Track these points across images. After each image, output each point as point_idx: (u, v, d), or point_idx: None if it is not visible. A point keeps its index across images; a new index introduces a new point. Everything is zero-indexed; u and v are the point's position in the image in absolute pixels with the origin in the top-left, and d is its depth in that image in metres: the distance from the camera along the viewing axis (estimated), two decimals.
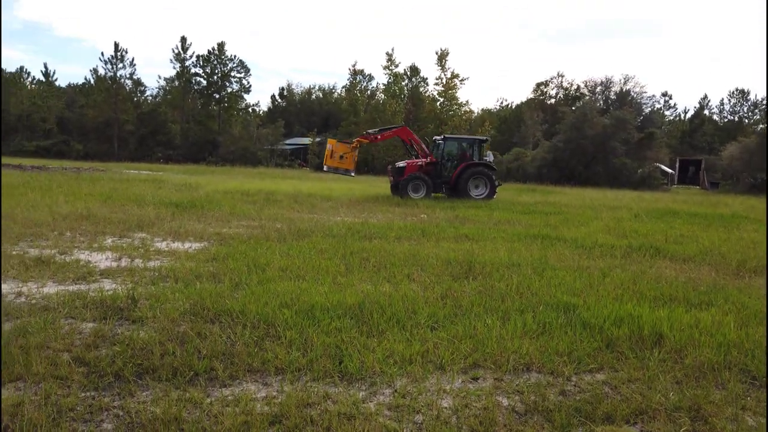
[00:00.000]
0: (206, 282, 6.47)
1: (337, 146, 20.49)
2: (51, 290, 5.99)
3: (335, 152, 20.26)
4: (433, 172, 19.97)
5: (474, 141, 21.01)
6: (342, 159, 20.30)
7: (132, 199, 14.19)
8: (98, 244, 8.56)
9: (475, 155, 20.29)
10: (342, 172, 20.65)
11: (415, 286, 6.60)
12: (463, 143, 20.86)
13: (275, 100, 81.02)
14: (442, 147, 20.36)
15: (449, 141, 20.70)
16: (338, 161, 20.25)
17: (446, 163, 20.18)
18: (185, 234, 9.89)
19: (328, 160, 20.31)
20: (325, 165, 20.53)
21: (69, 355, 4.20)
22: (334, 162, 20.28)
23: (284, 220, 12.24)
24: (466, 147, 20.54)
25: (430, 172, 19.97)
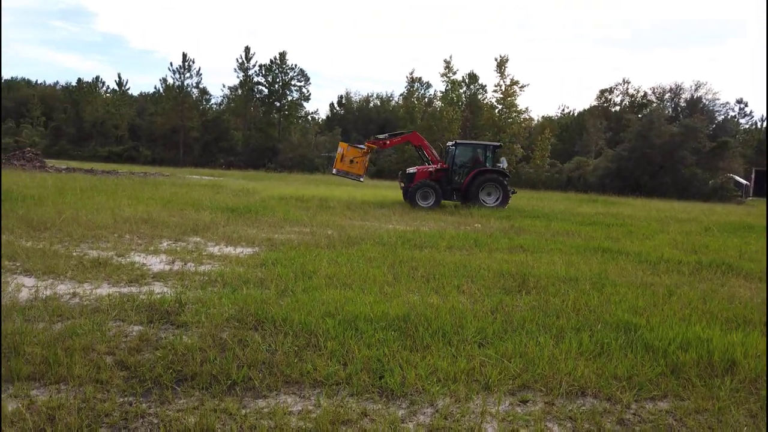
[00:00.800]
0: (253, 288, 6.45)
1: (349, 150, 20.07)
2: (104, 292, 6.12)
3: (346, 156, 19.93)
4: (444, 179, 19.35)
5: (487, 147, 20.18)
6: (352, 163, 19.94)
7: (190, 203, 14.58)
8: (154, 247, 8.76)
9: (488, 162, 19.55)
10: (352, 176, 20.24)
11: (464, 298, 6.35)
12: (476, 149, 20.15)
13: (333, 108, 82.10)
14: (454, 153, 19.62)
15: (461, 147, 19.97)
16: (348, 165, 19.93)
17: (458, 169, 19.48)
18: (238, 239, 10.00)
19: (338, 163, 20.04)
20: (334, 168, 20.26)
21: (112, 358, 4.22)
22: (344, 166, 19.97)
23: (335, 227, 12.21)
24: (478, 153, 19.80)
25: (441, 178, 19.37)
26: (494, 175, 18.96)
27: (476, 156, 19.68)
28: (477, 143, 20.78)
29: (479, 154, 19.68)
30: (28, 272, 6.76)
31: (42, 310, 5.23)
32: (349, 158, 19.82)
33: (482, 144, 20.53)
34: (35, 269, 6.84)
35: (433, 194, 18.74)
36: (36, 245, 8.24)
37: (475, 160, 19.51)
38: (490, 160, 19.58)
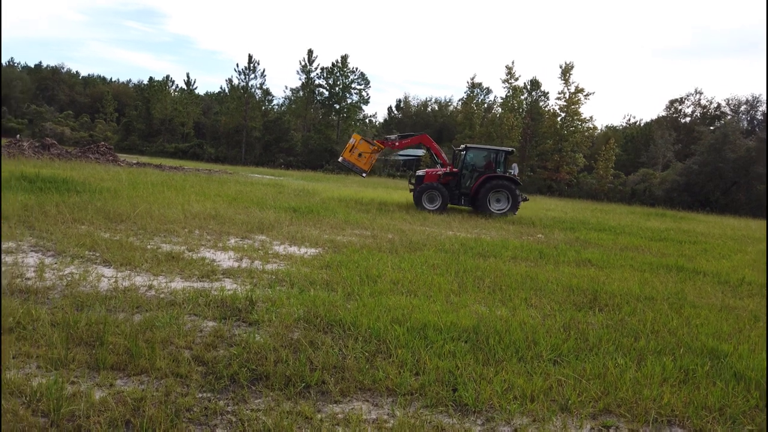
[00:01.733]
0: (320, 289, 6.48)
1: (360, 143, 19.70)
2: (178, 286, 6.29)
3: (356, 148, 19.56)
4: (453, 183, 18.83)
5: (498, 152, 19.35)
6: (360, 157, 19.54)
7: (254, 202, 14.90)
8: (222, 244, 8.97)
9: (500, 167, 18.87)
10: (356, 169, 19.78)
11: (534, 312, 6.15)
12: (487, 154, 19.41)
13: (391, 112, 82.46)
14: (464, 157, 19.11)
15: (471, 151, 19.32)
16: (356, 158, 19.53)
17: (468, 173, 18.91)
18: (301, 239, 10.11)
19: (347, 153, 19.72)
20: (341, 157, 20.01)
21: (189, 353, 4.31)
22: (351, 157, 19.57)
23: (396, 231, 12.17)
24: (489, 158, 19.12)
25: (450, 182, 18.87)
26: (504, 182, 18.28)
27: (487, 161, 19.11)
28: (488, 148, 20.11)
29: (490, 159, 19.09)
30: (107, 263, 7.04)
31: (122, 301, 5.42)
32: (359, 151, 19.53)
33: (494, 149, 19.78)
34: (114, 260, 7.11)
35: (439, 197, 18.33)
36: (113, 237, 8.59)
37: (487, 165, 18.96)
38: (502, 166, 18.95)
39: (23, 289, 5.52)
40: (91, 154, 32.97)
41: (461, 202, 18.85)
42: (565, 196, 45.90)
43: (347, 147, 19.92)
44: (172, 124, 71.48)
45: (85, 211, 10.31)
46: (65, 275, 6.25)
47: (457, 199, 18.80)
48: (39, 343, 4.16)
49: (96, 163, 28.86)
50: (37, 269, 6.34)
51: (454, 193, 18.74)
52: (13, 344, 4.08)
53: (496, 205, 18.24)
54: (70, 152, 32.55)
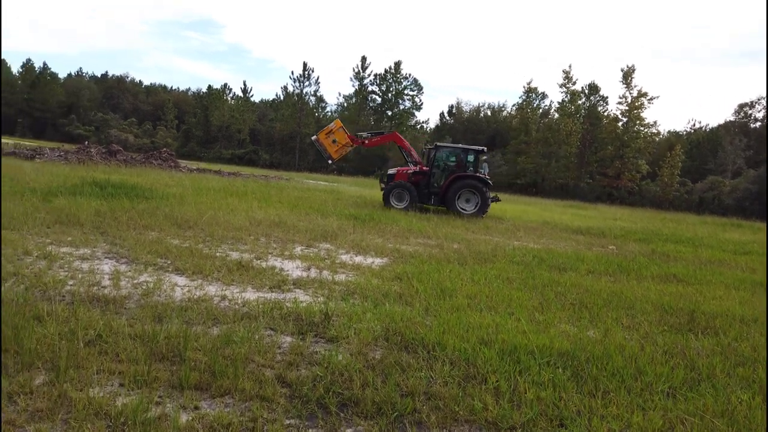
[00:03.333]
0: (395, 303, 6.19)
1: (338, 131, 19.61)
2: (250, 296, 6.13)
3: (332, 134, 19.49)
4: (423, 182, 18.56)
5: (468, 151, 18.85)
6: (334, 143, 19.52)
7: (315, 208, 14.81)
8: (289, 252, 8.83)
9: (471, 167, 18.43)
10: (325, 154, 19.80)
11: (629, 334, 5.65)
12: (456, 153, 18.99)
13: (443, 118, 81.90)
14: (433, 156, 18.84)
15: (441, 149, 19.07)
16: (329, 143, 19.50)
17: (438, 172, 18.61)
18: (366, 248, 9.88)
19: (322, 134, 19.76)
20: (315, 136, 20.03)
21: (272, 372, 4.08)
22: (326, 141, 19.55)
23: (461, 241, 11.77)
24: (459, 157, 18.73)
25: (420, 181, 18.63)
26: (472, 181, 17.90)
27: (457, 160, 18.74)
28: (458, 147, 19.71)
29: (460, 159, 18.70)
30: (179, 271, 6.98)
31: (197, 313, 5.28)
32: (334, 138, 19.44)
33: (463, 148, 19.30)
34: (185, 268, 7.05)
35: (407, 195, 18.22)
36: (182, 244, 8.59)
37: (457, 165, 18.60)
38: (473, 165, 18.48)
39: (100, 298, 5.46)
40: (154, 160, 34.04)
41: (431, 201, 18.60)
42: (627, 204, 44.11)
43: (325, 129, 19.89)
44: (229, 131, 73.34)
45: (154, 217, 10.42)
46: (140, 283, 6.20)
47: (426, 198, 18.57)
48: (120, 358, 4.03)
49: (159, 169, 29.74)
50: (112, 277, 6.33)
51: (424, 192, 18.52)
52: (96, 358, 3.96)
53: (465, 205, 17.93)
54: (135, 158, 33.69)
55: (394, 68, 64.92)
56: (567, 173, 48.80)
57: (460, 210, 17.74)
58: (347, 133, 19.81)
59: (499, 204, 21.47)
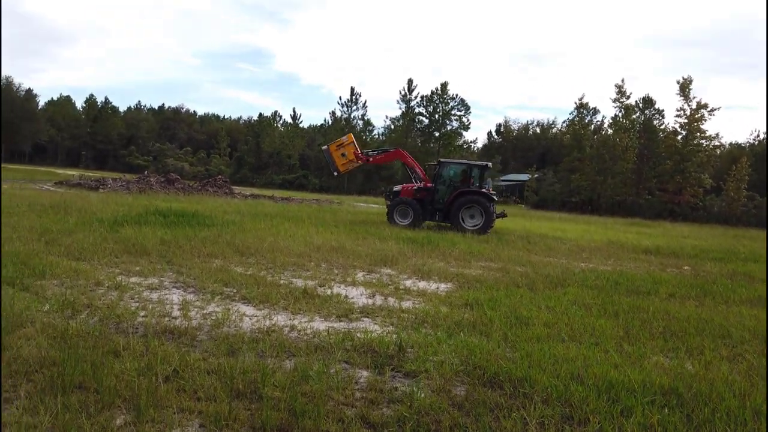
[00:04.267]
0: (469, 333, 5.88)
1: (349, 146, 19.79)
2: (319, 326, 5.96)
3: (344, 147, 19.73)
4: (428, 198, 18.34)
5: (472, 167, 18.70)
6: (342, 157, 19.67)
7: (371, 233, 14.66)
8: (351, 279, 8.65)
9: (477, 182, 18.21)
10: (332, 166, 19.96)
11: (731, 367, 5.13)
12: (461, 169, 18.82)
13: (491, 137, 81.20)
14: (437, 172, 18.63)
15: (444, 165, 18.88)
16: (338, 155, 19.65)
17: (443, 188, 18.30)
18: (429, 273, 9.60)
19: (333, 146, 20.00)
20: (326, 146, 20.35)
21: (353, 411, 3.85)
22: (335, 152, 19.71)
23: (525, 264, 11.33)
24: (464, 173, 18.50)
25: (425, 197, 18.41)
26: (476, 197, 17.59)
27: (463, 176, 18.52)
28: (462, 162, 19.56)
29: (465, 174, 18.48)
30: (245, 300, 6.90)
31: (269, 345, 5.13)
32: (344, 151, 19.67)
33: (467, 163, 19.16)
34: (251, 297, 6.97)
35: (411, 212, 18.10)
36: (246, 271, 8.55)
37: (463, 181, 18.38)
38: (478, 181, 18.20)
39: (172, 329, 5.40)
40: (210, 187, 34.95)
41: (436, 217, 18.39)
42: (690, 220, 42.09)
43: (337, 141, 20.29)
44: (280, 157, 74.86)
45: (217, 245, 10.49)
46: (209, 314, 6.14)
47: (431, 215, 18.38)
48: (199, 396, 3.89)
49: (215, 196, 30.47)
50: (181, 307, 6.29)
51: (428, 208, 18.32)
52: (174, 396, 3.83)
53: (470, 221, 17.62)
54: (192, 186, 34.67)
55: (440, 89, 64.95)
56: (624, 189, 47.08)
57: (463, 226, 17.42)
58: (356, 149, 20.06)
59: (556, 223, 20.78)
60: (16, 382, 3.85)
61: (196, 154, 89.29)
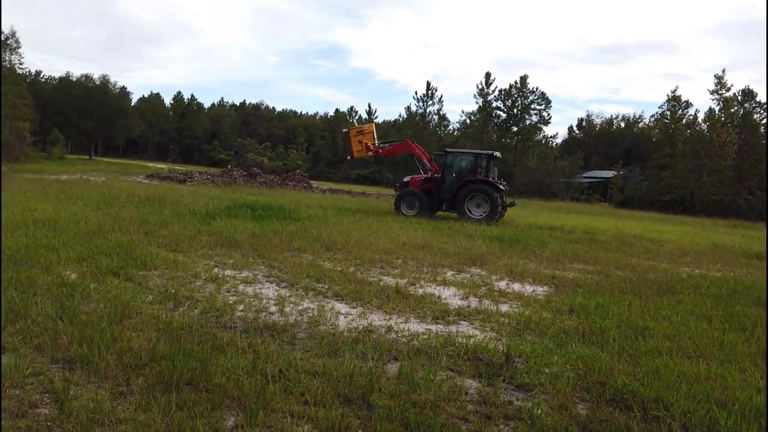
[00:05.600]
0: (579, 343, 5.42)
1: (368, 135, 20.35)
2: (416, 328, 5.71)
3: (363, 134, 20.36)
4: (435, 188, 18.54)
5: (479, 156, 18.63)
6: (359, 144, 20.21)
7: (455, 230, 14.29)
8: (441, 278, 8.35)
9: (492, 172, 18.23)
10: (348, 149, 20.55)
11: None
12: (467, 158, 18.83)
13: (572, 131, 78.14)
14: (444, 162, 18.77)
15: (450, 155, 18.98)
16: (356, 142, 20.24)
17: (450, 178, 18.38)
18: (522, 274, 9.13)
19: (354, 131, 20.73)
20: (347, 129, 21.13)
21: (468, 426, 3.57)
22: (354, 138, 20.34)
23: (624, 266, 10.58)
24: (471, 163, 18.47)
25: (432, 188, 18.65)
26: (481, 186, 17.63)
27: (470, 165, 18.44)
28: (469, 152, 19.73)
29: (471, 164, 18.43)
30: (338, 297, 6.77)
31: (368, 346, 4.93)
32: (362, 139, 20.24)
33: (474, 153, 19.27)
34: (344, 294, 6.83)
35: (417, 203, 18.31)
36: (335, 267, 8.46)
37: (470, 170, 18.29)
38: (485, 171, 18.15)
39: (270, 326, 5.32)
40: (289, 181, 35.73)
41: (443, 207, 18.53)
42: None
43: (359, 127, 20.99)
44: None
45: (304, 239, 10.51)
46: (304, 310, 6.04)
47: (438, 205, 18.55)
48: (306, 399, 3.73)
49: (295, 190, 31.08)
50: (277, 302, 6.24)
51: (435, 198, 18.49)
52: (282, 399, 3.69)
53: (476, 210, 17.67)
54: (272, 180, 35.58)
55: (519, 83, 63.14)
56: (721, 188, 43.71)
57: (469, 215, 17.45)
58: (374, 139, 20.55)
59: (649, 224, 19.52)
60: (128, 376, 3.85)
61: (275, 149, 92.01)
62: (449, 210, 18.41)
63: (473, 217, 17.31)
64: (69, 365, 3.98)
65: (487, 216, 17.29)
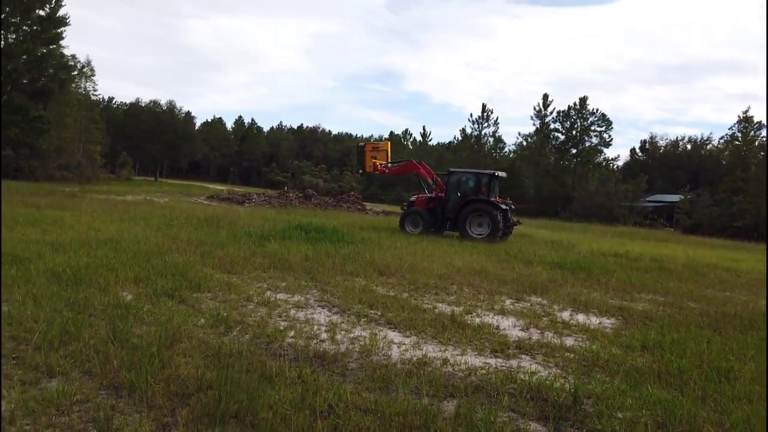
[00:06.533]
0: (655, 385, 4.93)
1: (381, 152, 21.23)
2: (473, 361, 5.37)
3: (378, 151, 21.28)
4: (438, 208, 18.87)
5: (481, 176, 18.97)
6: (373, 159, 20.99)
7: (512, 255, 13.79)
8: (499, 307, 7.95)
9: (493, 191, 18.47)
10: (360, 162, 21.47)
11: None
12: (470, 178, 19.12)
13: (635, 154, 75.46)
14: (448, 181, 19.25)
15: (454, 175, 19.38)
16: (370, 157, 21.01)
17: (454, 198, 18.66)
18: (586, 304, 8.60)
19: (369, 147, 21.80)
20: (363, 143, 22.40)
21: None
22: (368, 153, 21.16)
23: (699, 299, 9.82)
24: (474, 182, 18.80)
25: (436, 207, 18.98)
26: (482, 205, 17.87)
27: (474, 185, 18.77)
28: (471, 171, 19.98)
29: (474, 183, 18.79)
30: (390, 324, 6.52)
31: (423, 380, 4.63)
32: (375, 155, 21.12)
33: (476, 172, 19.60)
34: (397, 321, 6.57)
35: (421, 221, 18.61)
36: (388, 292, 8.22)
37: (474, 190, 18.61)
38: (489, 190, 18.43)
39: (321, 354, 5.12)
40: (343, 203, 35.98)
41: (447, 226, 18.74)
42: None
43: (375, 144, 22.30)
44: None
45: (356, 262, 10.34)
46: (356, 338, 5.82)
47: (441, 224, 18.78)
48: None
49: (348, 211, 31.22)
50: (328, 329, 6.05)
51: (438, 217, 18.75)
52: None
53: (477, 230, 17.81)
54: (327, 201, 35.94)
55: (579, 104, 61.67)
56: None
57: (471, 234, 17.58)
58: (387, 158, 21.39)
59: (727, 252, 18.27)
60: (174, 405, 3.71)
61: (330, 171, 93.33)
62: (452, 229, 18.68)
63: (474, 237, 17.50)
64: (116, 392, 3.89)
65: (488, 235, 17.47)
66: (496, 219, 17.53)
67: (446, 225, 18.71)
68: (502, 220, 17.74)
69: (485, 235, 17.41)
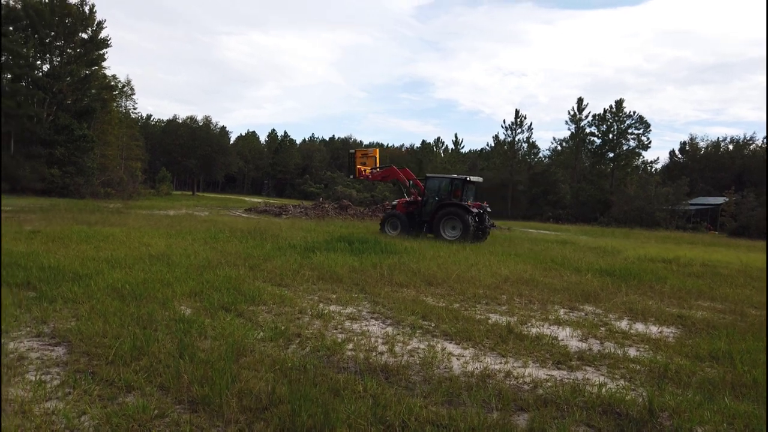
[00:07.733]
0: (730, 397, 4.74)
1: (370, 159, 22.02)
2: (537, 373, 5.27)
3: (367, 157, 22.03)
4: (416, 211, 19.88)
5: (453, 180, 19.58)
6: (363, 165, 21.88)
7: (558, 263, 13.54)
8: (553, 317, 7.80)
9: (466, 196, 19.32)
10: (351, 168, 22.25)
11: None
12: (443, 182, 19.82)
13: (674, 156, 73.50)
14: (426, 186, 20.08)
15: (430, 180, 20.19)
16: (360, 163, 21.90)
17: (431, 201, 19.55)
18: (642, 313, 8.36)
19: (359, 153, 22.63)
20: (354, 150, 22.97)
21: None
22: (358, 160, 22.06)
23: (760, 305, 9.45)
24: (447, 186, 19.51)
25: (414, 211, 19.97)
26: (454, 209, 18.64)
27: (447, 189, 19.44)
28: (444, 176, 20.31)
29: (448, 188, 19.46)
30: (446, 336, 6.46)
31: (489, 393, 4.56)
32: (364, 161, 21.95)
33: (449, 177, 20.01)
34: (452, 333, 6.52)
35: (399, 224, 19.58)
36: (438, 303, 8.16)
37: (449, 193, 19.32)
38: (465, 194, 19.19)
39: (381, 367, 5.10)
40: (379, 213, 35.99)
41: (424, 229, 19.46)
42: None
43: (364, 150, 22.82)
44: None
45: (403, 273, 10.31)
46: (413, 350, 5.79)
47: (419, 227, 19.61)
48: None
49: None
50: (385, 341, 6.03)
51: (416, 221, 19.71)
52: None
53: (450, 232, 18.61)
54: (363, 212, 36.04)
55: (615, 106, 60.49)
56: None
57: (444, 236, 18.40)
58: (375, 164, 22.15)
59: None
60: (250, 420, 3.74)
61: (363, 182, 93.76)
62: (428, 231, 19.33)
63: (447, 238, 18.26)
64: (192, 406, 3.95)
65: (460, 237, 18.12)
66: (467, 221, 18.35)
67: (423, 228, 19.61)
68: (474, 222, 18.54)
69: (457, 237, 18.24)
